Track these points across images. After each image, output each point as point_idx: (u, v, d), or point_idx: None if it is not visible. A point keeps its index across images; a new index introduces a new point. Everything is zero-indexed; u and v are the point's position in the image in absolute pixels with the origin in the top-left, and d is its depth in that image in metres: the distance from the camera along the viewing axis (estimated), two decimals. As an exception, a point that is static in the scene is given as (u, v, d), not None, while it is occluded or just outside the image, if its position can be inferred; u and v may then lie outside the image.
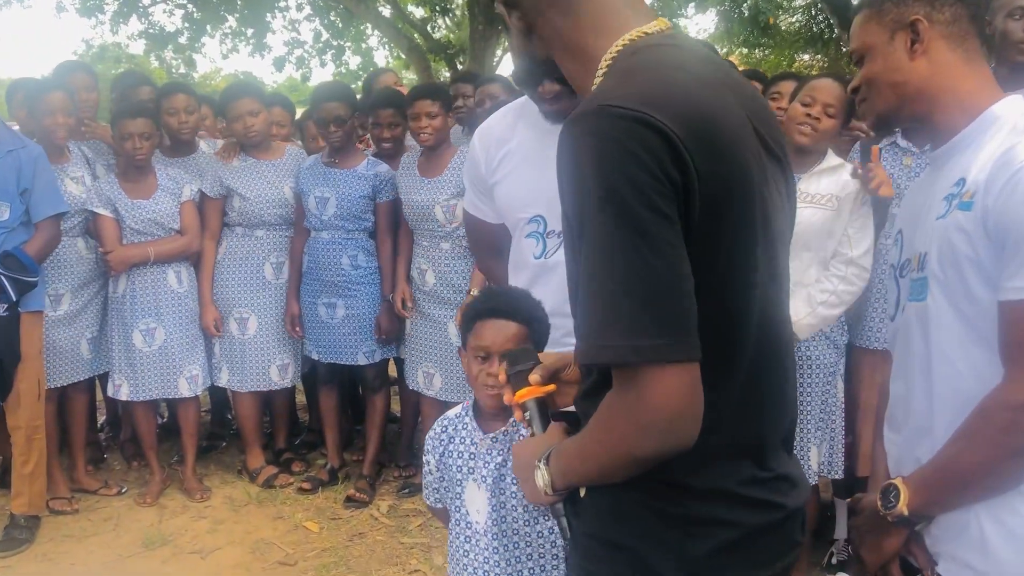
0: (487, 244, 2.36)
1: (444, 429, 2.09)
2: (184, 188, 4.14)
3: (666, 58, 1.24)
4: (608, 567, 1.29)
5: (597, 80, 1.28)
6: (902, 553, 1.56)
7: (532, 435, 1.52)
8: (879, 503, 1.52)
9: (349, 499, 4.10)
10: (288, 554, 3.65)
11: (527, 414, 1.52)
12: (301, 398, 5.11)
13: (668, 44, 1.28)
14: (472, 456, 2.03)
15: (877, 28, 1.53)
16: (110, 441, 4.88)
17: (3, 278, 3.45)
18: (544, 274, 2.09)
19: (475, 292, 3.83)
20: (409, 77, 19.01)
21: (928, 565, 1.50)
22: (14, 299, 3.49)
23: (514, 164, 2.11)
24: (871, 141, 3.14)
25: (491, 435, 2.00)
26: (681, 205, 1.12)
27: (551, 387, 1.54)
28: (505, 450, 1.97)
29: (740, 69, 3.65)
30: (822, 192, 2.94)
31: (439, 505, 2.14)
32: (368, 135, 4.78)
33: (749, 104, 1.28)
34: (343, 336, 4.20)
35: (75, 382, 4.09)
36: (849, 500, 1.84)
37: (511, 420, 1.96)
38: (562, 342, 2.05)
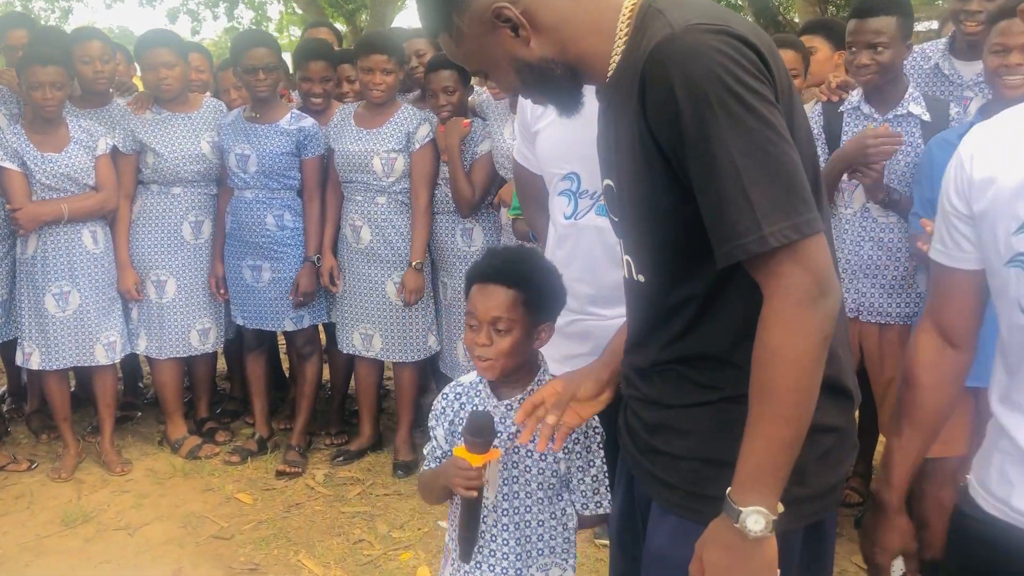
0: (533, 196, 2.28)
1: (457, 396, 1.93)
2: (99, 141, 3.84)
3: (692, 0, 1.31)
4: (720, 485, 1.29)
5: (621, 40, 1.34)
6: None
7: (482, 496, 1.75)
8: None
9: (280, 473, 3.93)
10: (222, 527, 3.49)
11: (486, 476, 1.71)
12: (219, 365, 4.88)
13: None
14: None
15: None
16: (14, 413, 4.54)
17: None
18: (572, 235, 2.02)
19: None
20: (299, 34, 18.43)
21: None
22: None
23: (555, 115, 2.00)
24: (836, 104, 3.13)
25: (506, 402, 1.86)
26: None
27: (497, 452, 1.76)
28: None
29: None
30: None
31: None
32: (289, 90, 4.55)
33: None
34: (269, 301, 4.01)
35: (-24, 350, 3.78)
36: None
37: (529, 388, 1.84)
38: (586, 311, 2.02)
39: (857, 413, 3.72)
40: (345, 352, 4.03)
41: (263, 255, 3.95)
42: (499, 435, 1.82)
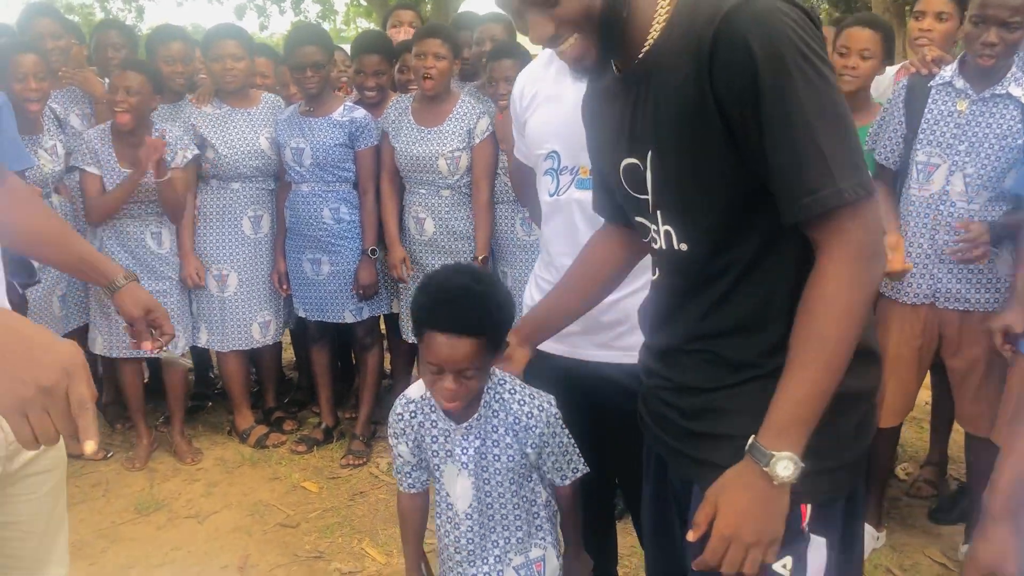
0: (534, 195, 2.29)
1: (413, 414, 1.95)
2: (177, 155, 3.88)
3: None
4: None
5: (661, 16, 1.34)
6: None
7: None
8: None
9: (345, 464, 3.99)
10: (289, 515, 3.55)
11: None
12: (287, 355, 4.97)
13: None
14: (448, 439, 1.92)
15: None
16: (90, 404, 4.69)
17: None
18: (555, 213, 2.10)
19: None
20: (366, 26, 18.56)
21: None
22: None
23: (539, 102, 2.12)
24: (926, 79, 2.94)
25: (464, 424, 1.89)
26: None
27: None
28: (483, 433, 1.88)
29: None
30: None
31: (415, 490, 2.02)
32: (346, 82, 4.58)
33: None
34: (329, 293, 4.06)
35: (54, 343, 3.88)
36: None
37: (480, 409, 1.86)
38: None
39: (933, 402, 3.60)
40: (410, 342, 4.05)
41: (321, 248, 4.00)
42: (464, 456, 1.88)
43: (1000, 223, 2.78)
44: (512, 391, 1.88)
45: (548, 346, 2.11)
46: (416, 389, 1.96)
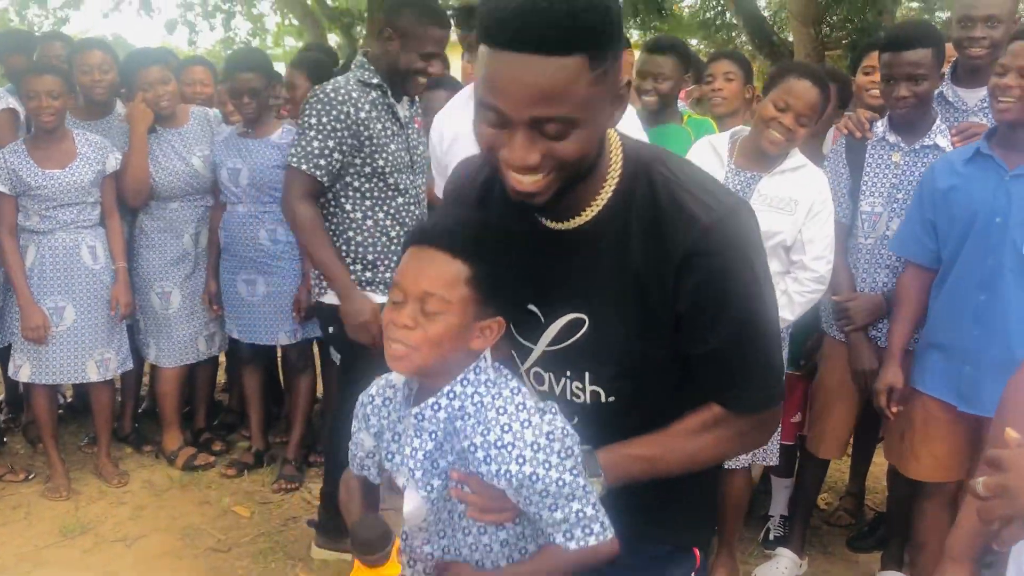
0: None
1: (385, 403, 1.48)
2: (108, 158, 3.82)
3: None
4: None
5: (613, 176, 1.33)
6: None
7: None
8: None
9: (278, 489, 3.95)
10: (220, 540, 3.50)
11: None
12: (218, 377, 4.90)
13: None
14: (396, 437, 1.44)
15: None
16: (10, 423, 4.54)
17: None
18: None
19: None
20: (295, 45, 18.43)
21: None
22: None
23: (461, 143, 2.10)
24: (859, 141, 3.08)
25: (415, 411, 1.39)
26: None
27: (396, 569, 1.45)
28: (439, 433, 1.38)
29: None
30: (782, 195, 2.84)
31: (365, 474, 1.55)
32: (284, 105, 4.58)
33: None
34: (264, 315, 4.02)
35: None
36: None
37: (443, 396, 1.37)
38: None
39: (855, 435, 3.74)
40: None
41: (257, 269, 3.97)
42: (414, 454, 1.40)
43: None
44: (496, 395, 1.37)
45: None
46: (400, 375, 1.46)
